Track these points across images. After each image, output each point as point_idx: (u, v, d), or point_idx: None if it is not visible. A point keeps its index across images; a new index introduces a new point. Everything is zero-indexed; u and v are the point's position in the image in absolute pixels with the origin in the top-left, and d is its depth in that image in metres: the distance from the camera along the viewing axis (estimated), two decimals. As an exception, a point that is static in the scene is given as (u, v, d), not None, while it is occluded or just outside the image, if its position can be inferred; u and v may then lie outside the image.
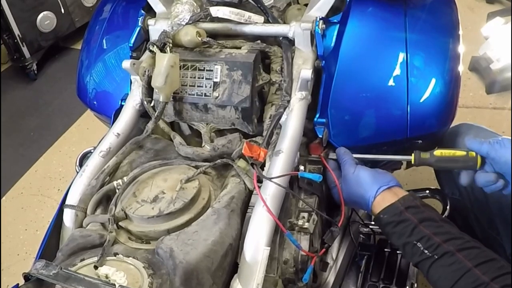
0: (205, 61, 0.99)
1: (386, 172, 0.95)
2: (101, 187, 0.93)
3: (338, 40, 1.05)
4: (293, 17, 1.08)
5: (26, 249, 2.03)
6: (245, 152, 0.86)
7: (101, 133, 1.11)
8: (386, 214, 0.88)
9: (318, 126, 1.01)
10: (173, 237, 0.77)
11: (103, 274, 0.71)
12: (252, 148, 0.86)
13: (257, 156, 0.86)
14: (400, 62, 1.05)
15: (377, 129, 1.07)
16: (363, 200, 0.93)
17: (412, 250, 0.83)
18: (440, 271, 0.79)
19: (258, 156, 0.86)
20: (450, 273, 0.77)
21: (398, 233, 0.86)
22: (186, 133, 1.11)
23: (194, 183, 0.87)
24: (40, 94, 2.92)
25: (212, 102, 0.98)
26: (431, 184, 1.30)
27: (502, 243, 1.11)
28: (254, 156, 0.86)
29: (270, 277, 0.84)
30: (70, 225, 0.90)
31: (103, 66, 1.29)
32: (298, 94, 0.97)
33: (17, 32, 2.78)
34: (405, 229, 0.85)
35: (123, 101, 1.10)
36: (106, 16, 1.35)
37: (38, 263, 0.67)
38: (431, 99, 1.05)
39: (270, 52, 1.02)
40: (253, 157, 0.87)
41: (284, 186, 0.84)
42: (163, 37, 1.00)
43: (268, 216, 0.81)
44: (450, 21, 1.15)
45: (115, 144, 1.01)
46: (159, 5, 1.11)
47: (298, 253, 0.86)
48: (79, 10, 3.06)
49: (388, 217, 0.88)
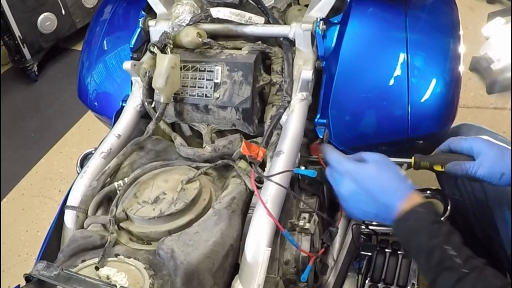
0: (205, 62, 0.99)
1: None
2: (102, 188, 0.93)
3: (339, 41, 1.05)
4: (294, 18, 1.09)
5: (27, 250, 2.03)
6: (244, 151, 0.86)
7: (102, 134, 1.12)
8: (425, 209, 0.80)
9: (319, 127, 1.02)
10: (174, 238, 0.77)
11: (104, 275, 0.71)
12: (251, 147, 0.86)
13: (256, 155, 0.86)
14: (400, 63, 1.05)
15: (377, 130, 1.07)
16: (389, 193, 0.83)
17: (442, 254, 0.75)
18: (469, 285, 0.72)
19: (256, 155, 0.86)
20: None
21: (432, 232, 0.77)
22: (187, 134, 1.11)
23: (195, 184, 0.87)
24: (40, 95, 2.92)
25: (212, 103, 0.98)
26: (432, 185, 1.29)
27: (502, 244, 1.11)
28: (253, 155, 0.86)
29: (271, 278, 0.84)
30: (71, 226, 0.90)
31: (104, 67, 1.29)
32: (298, 95, 0.97)
33: (18, 33, 2.78)
34: (440, 230, 0.77)
35: (124, 102, 1.10)
36: (107, 17, 1.35)
37: (39, 264, 0.67)
38: (431, 99, 1.05)
39: (271, 53, 1.02)
40: (251, 156, 0.86)
41: (284, 186, 0.84)
42: (164, 38, 1.00)
43: (269, 217, 0.81)
44: (450, 21, 1.15)
45: (116, 145, 1.01)
46: (159, 6, 1.11)
47: (299, 254, 0.86)
48: (80, 11, 3.06)
49: (426, 212, 0.79)
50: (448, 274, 0.75)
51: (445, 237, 0.77)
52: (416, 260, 0.82)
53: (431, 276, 0.77)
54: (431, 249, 0.77)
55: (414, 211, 0.80)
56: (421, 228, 0.79)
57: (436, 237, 0.77)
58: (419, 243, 0.79)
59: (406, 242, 0.82)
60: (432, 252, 0.77)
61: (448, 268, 0.75)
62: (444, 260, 0.75)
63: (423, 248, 0.78)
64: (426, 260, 0.77)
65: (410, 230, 0.80)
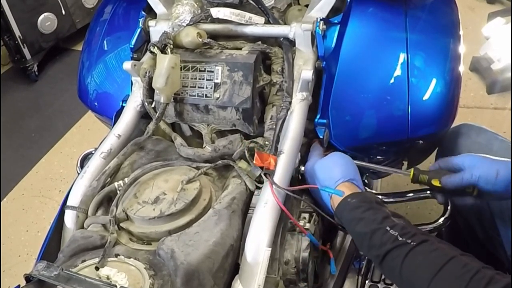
0: (205, 62, 0.99)
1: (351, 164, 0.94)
2: (102, 188, 0.93)
3: (339, 41, 1.05)
4: (294, 18, 1.09)
5: (27, 250, 2.03)
6: (257, 163, 0.86)
7: (102, 134, 1.11)
8: (355, 199, 0.83)
9: (319, 127, 1.01)
10: (174, 238, 0.77)
11: (104, 275, 0.71)
12: (263, 157, 0.86)
13: (268, 164, 0.86)
14: (400, 63, 1.05)
15: (378, 130, 1.07)
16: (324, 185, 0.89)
17: (382, 237, 0.76)
18: (420, 258, 0.72)
19: (269, 165, 0.86)
20: (433, 259, 0.70)
21: (367, 219, 0.79)
22: (187, 134, 1.11)
23: (195, 184, 0.87)
24: (41, 95, 2.92)
25: (213, 103, 0.98)
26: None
27: (502, 244, 1.10)
28: (265, 165, 0.86)
29: (271, 278, 0.84)
30: (71, 226, 0.90)
31: (104, 67, 1.29)
32: (299, 95, 0.98)
33: (18, 33, 2.78)
34: (376, 215, 0.79)
35: (124, 102, 1.10)
36: (107, 18, 1.35)
37: (39, 264, 0.67)
38: (431, 100, 1.05)
39: (271, 53, 1.02)
40: (264, 166, 0.86)
41: (295, 195, 0.86)
42: (164, 38, 1.00)
43: (269, 217, 0.81)
44: (450, 21, 1.15)
45: (116, 145, 1.01)
46: (159, 6, 1.11)
47: (299, 254, 0.86)
48: (80, 11, 3.07)
49: (357, 201, 0.82)
50: (394, 253, 0.74)
51: (383, 220, 0.78)
52: (361, 249, 0.83)
53: (377, 261, 0.77)
54: (371, 235, 0.77)
55: (345, 202, 0.84)
56: (355, 217, 0.81)
57: (372, 222, 0.78)
58: (358, 232, 0.81)
59: (350, 232, 0.85)
60: (372, 237, 0.77)
61: (393, 248, 0.74)
62: (387, 242, 0.75)
63: (364, 235, 0.79)
64: (369, 247, 0.78)
65: (347, 221, 0.83)
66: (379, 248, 0.76)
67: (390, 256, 0.75)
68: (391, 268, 0.75)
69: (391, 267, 0.75)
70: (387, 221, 0.78)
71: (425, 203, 1.72)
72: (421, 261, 0.72)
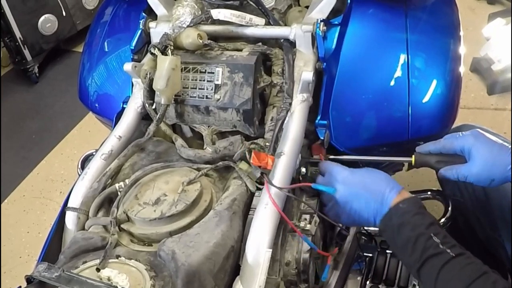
0: (206, 64, 0.99)
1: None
2: (103, 189, 0.93)
3: (339, 42, 1.05)
4: (294, 19, 1.09)
5: (28, 251, 2.04)
6: (254, 162, 0.86)
7: (103, 135, 1.12)
8: (406, 204, 0.84)
9: (320, 128, 1.01)
10: (175, 239, 0.77)
11: (105, 276, 0.71)
12: (260, 157, 0.86)
13: (265, 164, 0.86)
14: (401, 64, 1.05)
15: (378, 131, 1.07)
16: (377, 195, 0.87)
17: (426, 242, 0.78)
18: (457, 269, 0.75)
19: (266, 165, 0.86)
20: (468, 272, 0.74)
21: (414, 223, 0.81)
22: (188, 135, 1.11)
23: (196, 185, 0.87)
24: (41, 97, 2.92)
25: (213, 105, 0.98)
26: (433, 186, 1.29)
27: (503, 244, 1.11)
28: (263, 165, 0.86)
29: (272, 279, 0.84)
30: (72, 228, 0.90)
31: (104, 68, 1.30)
32: (299, 96, 0.98)
33: (19, 35, 2.78)
34: (423, 220, 0.81)
35: (125, 104, 1.10)
36: (107, 19, 1.36)
37: (40, 266, 0.67)
38: (432, 101, 1.05)
39: (271, 54, 1.02)
40: (261, 166, 0.86)
41: (291, 195, 0.85)
42: (165, 40, 1.00)
43: (270, 218, 0.81)
44: (451, 22, 1.15)
45: (117, 147, 1.01)
46: (160, 8, 1.11)
47: (300, 255, 0.86)
48: (81, 13, 3.07)
49: (407, 206, 0.84)
50: (434, 260, 0.77)
51: (429, 226, 0.80)
52: (402, 255, 0.84)
53: (417, 265, 0.79)
54: (416, 239, 0.79)
55: (396, 208, 0.84)
56: (404, 222, 0.82)
57: (419, 227, 0.80)
58: (403, 236, 0.82)
59: (392, 240, 0.85)
60: (416, 241, 0.79)
61: (434, 255, 0.77)
62: (429, 248, 0.77)
63: (408, 239, 0.80)
64: (412, 251, 0.80)
65: (395, 227, 0.83)
66: (421, 253, 0.78)
67: (430, 263, 0.77)
68: (428, 275, 0.78)
69: (428, 274, 0.78)
70: (432, 228, 0.80)
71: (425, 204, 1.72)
72: (457, 272, 0.75)
